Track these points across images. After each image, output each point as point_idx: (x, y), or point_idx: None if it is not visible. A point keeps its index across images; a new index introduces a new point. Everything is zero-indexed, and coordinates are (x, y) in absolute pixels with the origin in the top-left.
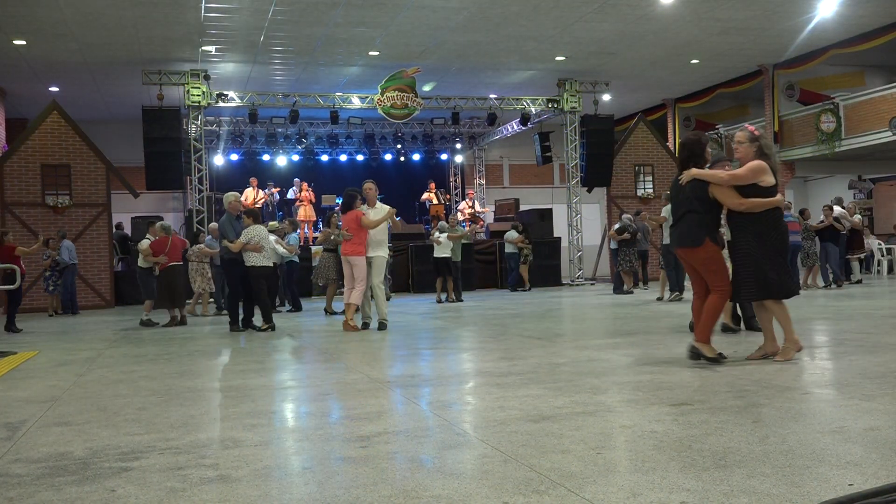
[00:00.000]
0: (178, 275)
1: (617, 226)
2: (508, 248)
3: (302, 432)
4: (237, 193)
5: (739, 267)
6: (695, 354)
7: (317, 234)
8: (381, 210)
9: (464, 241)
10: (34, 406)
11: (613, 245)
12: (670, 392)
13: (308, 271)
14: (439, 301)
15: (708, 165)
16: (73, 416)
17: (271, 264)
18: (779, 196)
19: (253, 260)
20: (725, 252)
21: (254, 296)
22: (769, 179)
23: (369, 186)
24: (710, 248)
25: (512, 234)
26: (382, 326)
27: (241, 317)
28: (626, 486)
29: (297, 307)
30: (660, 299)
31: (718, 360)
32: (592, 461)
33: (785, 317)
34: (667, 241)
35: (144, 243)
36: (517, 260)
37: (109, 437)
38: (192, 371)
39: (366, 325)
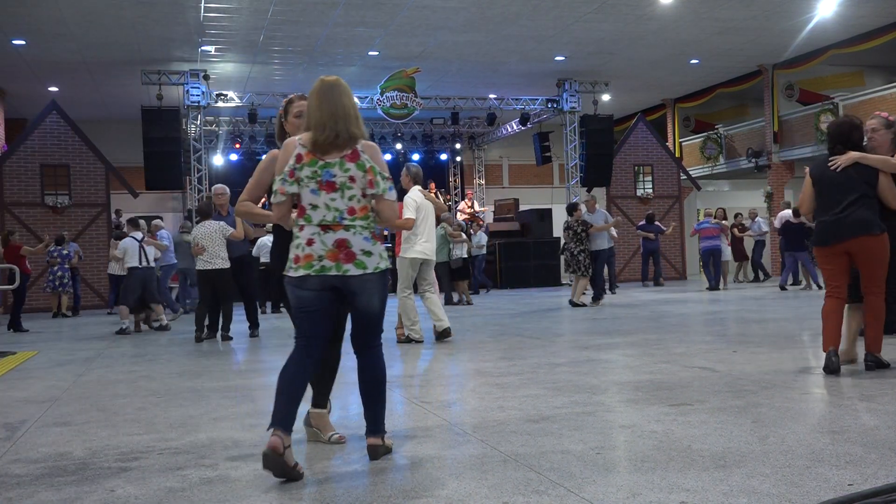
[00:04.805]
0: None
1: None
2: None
3: (301, 432)
4: (222, 186)
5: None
6: (876, 363)
7: None
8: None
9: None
10: (34, 406)
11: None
12: (670, 392)
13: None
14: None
15: None
16: (72, 417)
17: (220, 268)
18: None
19: (199, 264)
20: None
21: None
22: None
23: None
24: (886, 237)
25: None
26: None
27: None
28: (626, 486)
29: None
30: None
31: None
32: (592, 461)
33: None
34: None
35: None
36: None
37: (109, 438)
38: (191, 371)
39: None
